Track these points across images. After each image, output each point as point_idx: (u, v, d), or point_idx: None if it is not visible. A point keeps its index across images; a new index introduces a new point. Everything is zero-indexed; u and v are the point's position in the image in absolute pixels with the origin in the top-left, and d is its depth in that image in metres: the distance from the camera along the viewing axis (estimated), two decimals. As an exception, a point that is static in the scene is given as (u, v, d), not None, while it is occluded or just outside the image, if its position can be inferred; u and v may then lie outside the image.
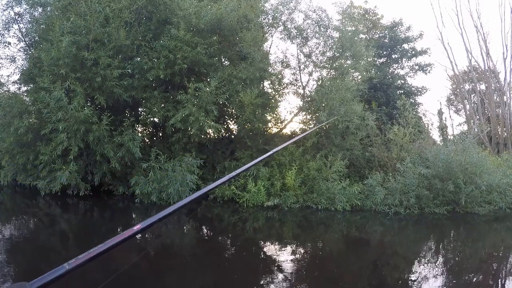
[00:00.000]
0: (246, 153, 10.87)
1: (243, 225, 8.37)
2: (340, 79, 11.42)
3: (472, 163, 9.90)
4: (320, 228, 8.40)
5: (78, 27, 9.74)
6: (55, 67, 9.51)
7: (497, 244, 7.50)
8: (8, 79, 12.17)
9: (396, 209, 9.42)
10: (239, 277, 5.00)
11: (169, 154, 10.37)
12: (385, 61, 18.00)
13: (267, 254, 6.23)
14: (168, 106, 10.59)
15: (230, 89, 10.66)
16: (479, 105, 20.51)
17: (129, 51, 10.66)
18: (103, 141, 9.68)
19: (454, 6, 39.92)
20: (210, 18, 10.38)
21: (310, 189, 10.12)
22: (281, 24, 12.27)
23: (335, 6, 14.34)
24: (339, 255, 6.47)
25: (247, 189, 9.79)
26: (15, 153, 10.33)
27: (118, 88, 9.90)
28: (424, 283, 4.87)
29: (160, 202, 9.27)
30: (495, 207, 9.85)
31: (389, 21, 18.09)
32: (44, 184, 9.63)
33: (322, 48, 12.06)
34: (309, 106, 12.08)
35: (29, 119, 10.21)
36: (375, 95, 15.31)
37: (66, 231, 7.43)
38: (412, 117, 11.89)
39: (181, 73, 10.45)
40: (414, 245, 7.32)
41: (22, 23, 12.28)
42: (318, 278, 5.09)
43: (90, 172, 10.25)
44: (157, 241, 6.70)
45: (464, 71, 22.92)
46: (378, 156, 11.35)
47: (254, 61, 10.65)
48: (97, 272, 4.27)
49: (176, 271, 5.15)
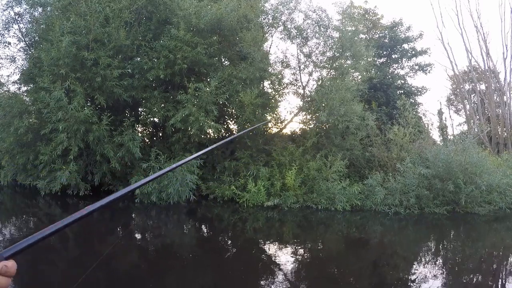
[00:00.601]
0: (246, 153, 10.87)
1: (243, 225, 8.37)
2: (340, 79, 11.42)
3: (472, 163, 9.90)
4: (320, 228, 8.39)
5: (78, 27, 9.74)
6: (55, 67, 9.51)
7: (497, 244, 7.49)
8: (8, 79, 12.21)
9: (396, 209, 9.42)
10: (239, 277, 5.00)
11: (169, 154, 10.37)
12: (385, 61, 18.01)
13: (267, 254, 6.22)
14: (168, 106, 10.59)
15: (230, 89, 10.66)
16: (479, 105, 20.52)
17: (129, 51, 10.66)
18: (103, 141, 9.68)
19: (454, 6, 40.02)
20: (210, 18, 10.38)
21: (310, 189, 10.11)
22: (281, 24, 12.27)
23: (335, 6, 14.38)
24: (339, 255, 6.47)
25: (247, 189, 9.79)
26: (15, 153, 10.34)
27: (118, 88, 9.90)
28: (424, 283, 4.87)
29: (160, 202, 9.27)
30: (495, 207, 9.85)
31: (389, 21, 18.12)
32: (44, 184, 9.63)
33: (322, 48, 12.06)
34: (309, 106, 12.08)
35: (29, 119, 10.21)
36: (375, 95, 15.32)
37: (66, 231, 7.42)
38: (412, 117, 11.89)
39: (181, 73, 10.45)
40: (414, 245, 7.32)
41: (22, 23, 12.30)
42: (318, 278, 5.09)
43: (90, 172, 10.25)
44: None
45: (464, 71, 22.95)
46: (378, 156, 11.34)
47: (254, 61, 10.65)
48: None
49: (176, 271, 5.15)
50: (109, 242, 6.77)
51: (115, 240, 7.01)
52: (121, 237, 7.09)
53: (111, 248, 5.78)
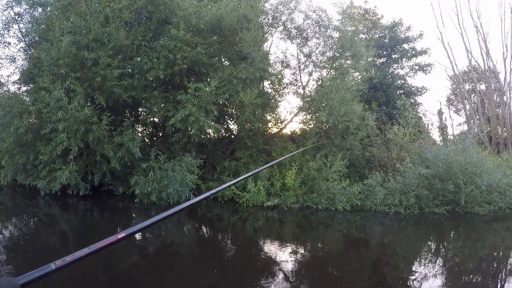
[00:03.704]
0: (246, 153, 10.87)
1: (243, 225, 8.37)
2: (340, 79, 11.42)
3: (472, 163, 9.90)
4: (320, 228, 8.39)
5: (78, 27, 9.73)
6: (55, 67, 9.50)
7: (497, 244, 7.49)
8: (8, 79, 12.21)
9: (396, 209, 9.42)
10: (239, 277, 5.00)
11: (169, 154, 10.37)
12: (385, 61, 18.00)
13: (267, 254, 6.22)
14: (168, 106, 10.58)
15: (230, 89, 10.65)
16: (479, 105, 20.52)
17: (129, 51, 10.65)
18: (103, 141, 9.68)
19: (454, 6, 39.99)
20: (210, 18, 10.38)
21: (310, 189, 10.11)
22: (281, 24, 12.27)
23: (335, 6, 14.39)
24: (339, 255, 6.47)
25: (247, 189, 9.79)
26: (15, 153, 10.33)
27: (118, 88, 9.89)
28: (424, 283, 4.87)
29: (160, 202, 9.28)
30: (495, 207, 9.85)
31: (389, 21, 18.12)
32: (44, 184, 9.63)
33: (322, 48, 12.06)
34: (309, 106, 12.07)
35: (29, 119, 10.20)
36: (375, 95, 15.32)
37: (66, 231, 7.42)
38: (412, 117, 11.88)
39: (181, 73, 10.44)
40: (414, 245, 7.32)
41: (22, 23, 12.28)
42: (318, 278, 5.09)
43: (90, 172, 10.24)
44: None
45: (464, 71, 22.95)
46: (378, 156, 11.34)
47: (254, 61, 10.64)
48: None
49: (176, 270, 5.15)
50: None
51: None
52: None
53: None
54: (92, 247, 0.82)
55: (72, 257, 0.80)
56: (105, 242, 0.85)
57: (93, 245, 0.83)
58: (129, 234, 0.95)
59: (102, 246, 0.84)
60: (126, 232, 0.94)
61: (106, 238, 0.86)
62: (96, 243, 0.83)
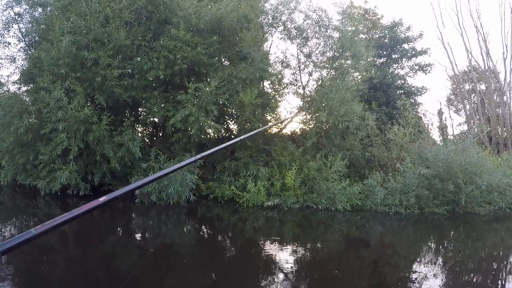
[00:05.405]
0: (246, 153, 10.86)
1: (243, 225, 8.37)
2: (340, 79, 11.41)
3: (472, 163, 9.90)
4: (320, 228, 8.39)
5: (78, 27, 9.74)
6: (55, 67, 9.51)
7: (497, 244, 7.49)
8: (8, 79, 12.21)
9: (396, 209, 9.41)
10: (239, 277, 5.00)
11: (169, 154, 10.37)
12: (385, 61, 17.99)
13: (267, 254, 6.22)
14: (168, 106, 10.58)
15: (230, 89, 10.65)
16: (479, 105, 20.52)
17: (129, 51, 10.65)
18: (103, 141, 9.68)
19: (454, 6, 39.99)
20: (210, 18, 10.38)
21: (310, 189, 10.11)
22: (281, 24, 12.26)
23: (335, 6, 14.38)
24: (339, 255, 6.46)
25: (247, 189, 9.79)
26: (15, 153, 10.33)
27: (118, 88, 9.89)
28: (424, 283, 4.87)
29: (160, 202, 9.27)
30: (495, 207, 9.84)
31: (389, 21, 18.10)
32: (44, 184, 9.63)
33: (322, 48, 12.05)
34: (309, 106, 12.07)
35: (29, 119, 10.20)
36: (375, 95, 15.31)
37: (66, 231, 7.41)
38: (412, 117, 11.87)
39: (181, 73, 10.44)
40: (414, 245, 7.32)
41: (22, 23, 12.29)
42: (318, 278, 5.09)
43: (90, 172, 10.24)
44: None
45: (464, 71, 22.94)
46: (378, 156, 11.34)
47: (254, 61, 10.64)
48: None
49: (176, 270, 5.15)
50: (111, 241, 6.77)
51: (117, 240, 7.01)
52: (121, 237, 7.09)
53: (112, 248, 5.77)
54: (74, 211, 0.82)
55: (52, 222, 0.79)
56: (87, 206, 0.85)
57: (74, 210, 0.83)
58: (112, 198, 0.97)
59: (84, 211, 0.84)
60: (108, 196, 0.96)
61: (88, 203, 0.86)
62: (77, 208, 0.83)
